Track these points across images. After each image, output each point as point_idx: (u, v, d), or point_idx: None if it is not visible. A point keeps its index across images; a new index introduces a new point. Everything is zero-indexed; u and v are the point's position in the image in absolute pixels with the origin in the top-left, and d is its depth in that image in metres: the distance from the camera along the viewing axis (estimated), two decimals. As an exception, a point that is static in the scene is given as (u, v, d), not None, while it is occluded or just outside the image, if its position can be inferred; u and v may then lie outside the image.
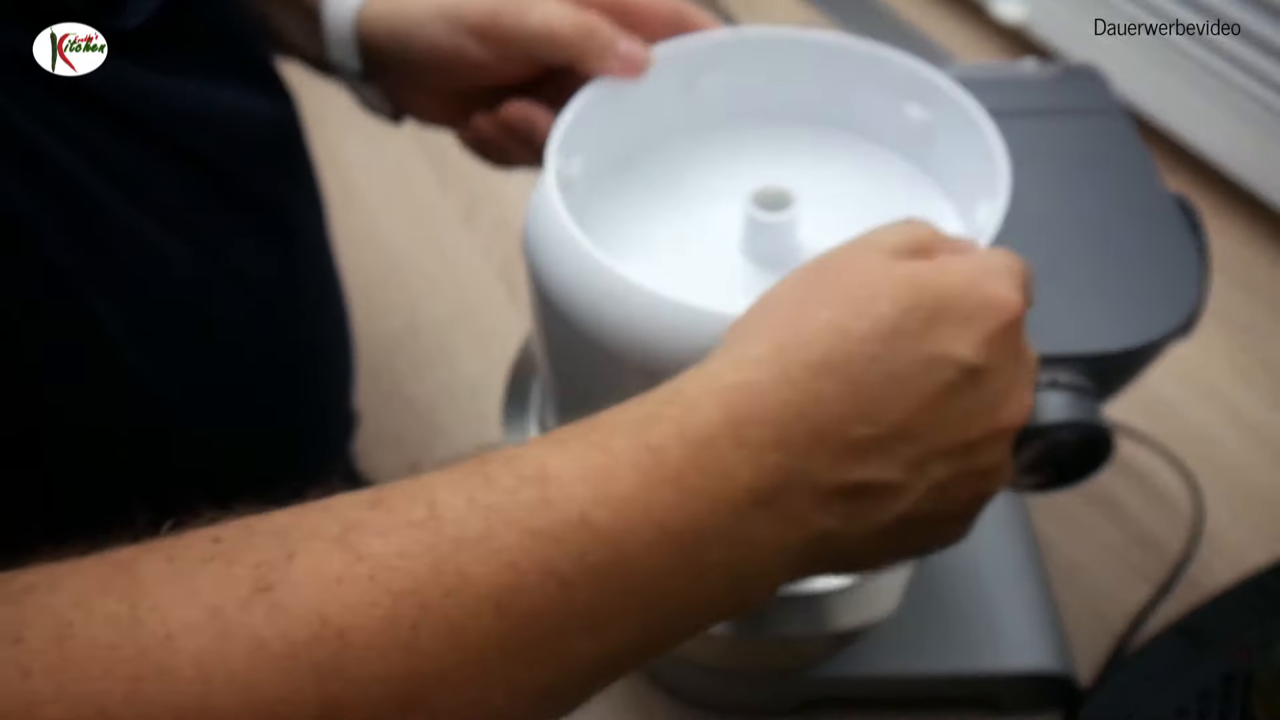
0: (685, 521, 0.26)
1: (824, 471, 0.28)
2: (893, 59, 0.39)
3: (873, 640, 0.54)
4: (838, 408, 0.27)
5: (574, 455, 0.26)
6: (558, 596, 0.24)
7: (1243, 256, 0.78)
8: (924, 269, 0.30)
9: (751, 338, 0.29)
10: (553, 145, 0.37)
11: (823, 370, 0.28)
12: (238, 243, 0.45)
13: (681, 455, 0.26)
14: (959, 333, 0.29)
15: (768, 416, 0.27)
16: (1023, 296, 0.30)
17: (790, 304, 0.30)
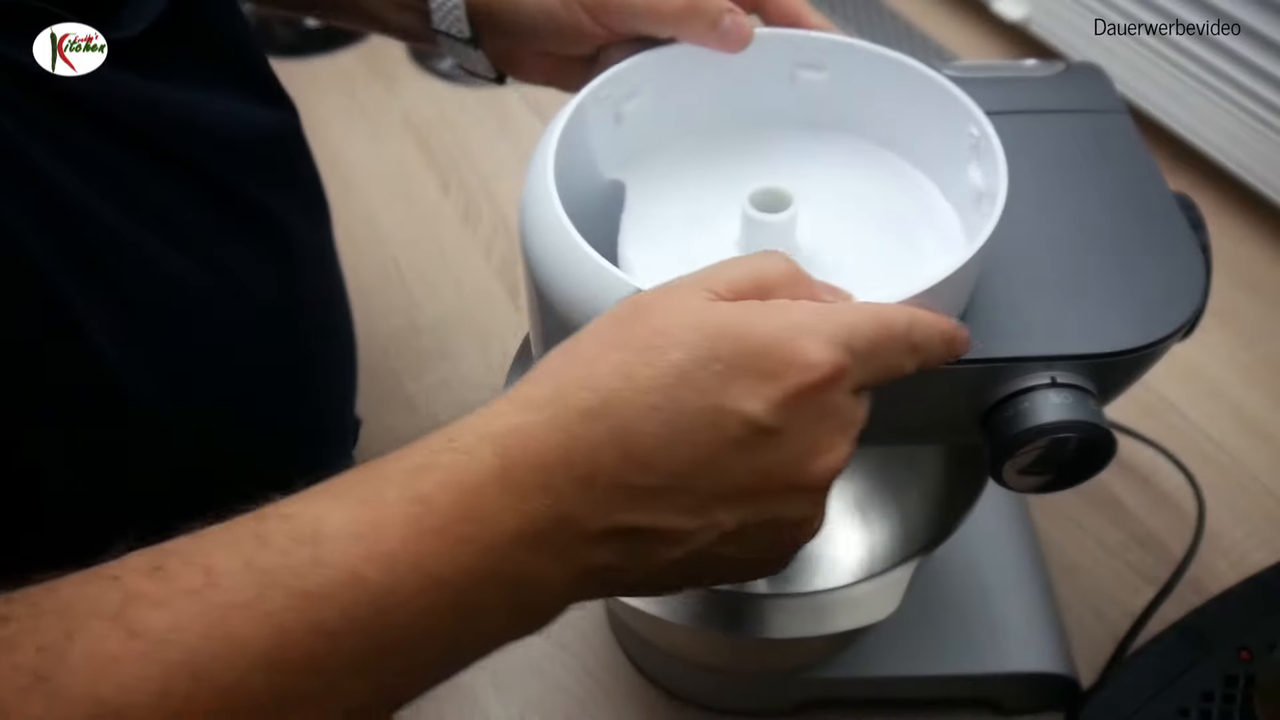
0: (454, 568, 0.27)
1: (593, 516, 0.28)
2: (892, 57, 0.39)
3: (873, 641, 0.54)
4: (609, 454, 0.28)
5: (348, 510, 0.27)
6: (326, 650, 0.26)
7: (1244, 255, 0.77)
8: (735, 317, 0.29)
9: (541, 377, 0.29)
10: (607, 76, 0.38)
11: (598, 416, 0.28)
12: (235, 253, 0.45)
13: (450, 504, 0.27)
14: (753, 389, 0.28)
15: (535, 461, 0.28)
16: (838, 357, 0.29)
17: (592, 343, 0.30)
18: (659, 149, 0.43)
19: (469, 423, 0.29)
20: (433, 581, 0.27)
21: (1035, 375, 0.36)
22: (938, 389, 0.37)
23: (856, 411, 0.31)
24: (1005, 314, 0.37)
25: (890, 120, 0.41)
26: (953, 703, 0.56)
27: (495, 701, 0.58)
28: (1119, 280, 0.38)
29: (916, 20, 0.99)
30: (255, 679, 0.25)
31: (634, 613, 0.47)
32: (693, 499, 0.29)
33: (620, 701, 0.58)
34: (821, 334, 0.29)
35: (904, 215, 0.40)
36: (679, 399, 0.28)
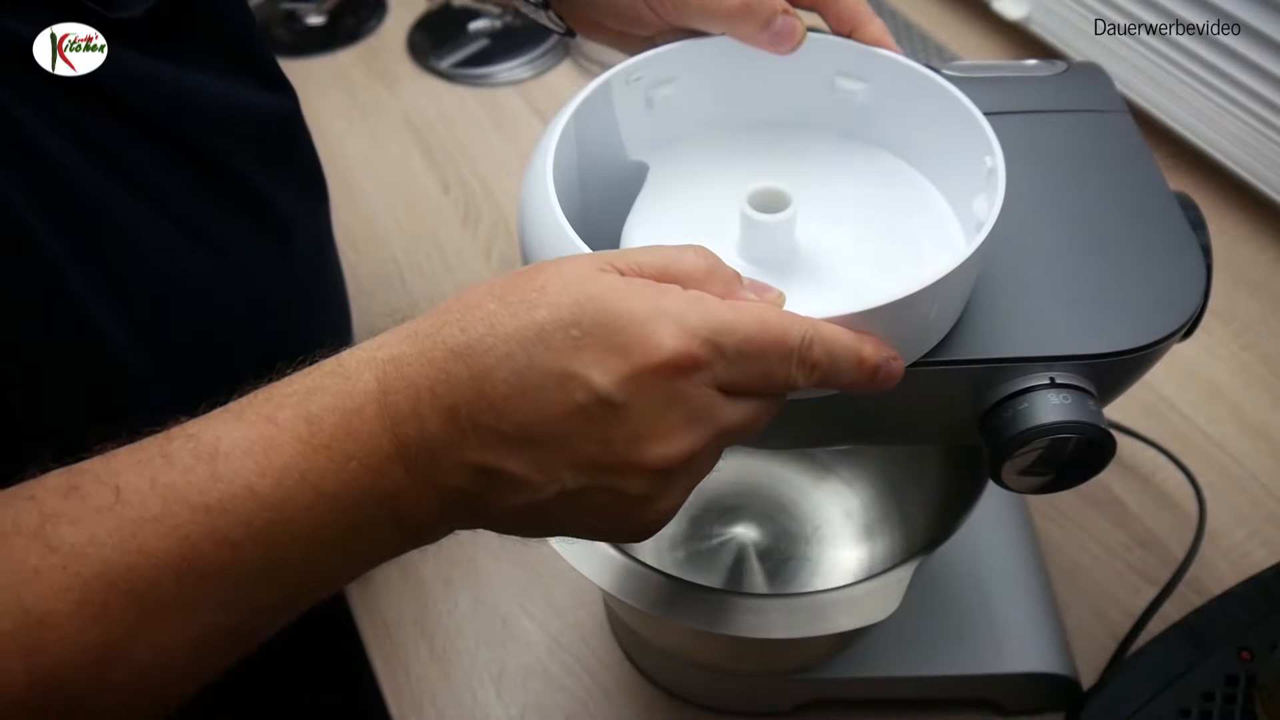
0: (339, 483, 0.29)
1: (451, 447, 0.30)
2: (931, 77, 0.39)
3: (873, 641, 0.54)
4: (465, 392, 0.30)
5: (245, 428, 0.29)
6: (230, 559, 0.29)
7: (1244, 254, 0.77)
8: (608, 291, 0.30)
9: (431, 313, 0.32)
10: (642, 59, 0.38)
11: (460, 355, 0.30)
12: (230, 232, 0.45)
13: (335, 424, 0.29)
14: (602, 360, 0.29)
15: (408, 389, 0.30)
16: (691, 347, 0.30)
17: (483, 289, 0.31)
18: (686, 138, 0.43)
19: (360, 348, 0.31)
20: (321, 495, 0.29)
21: (1035, 376, 0.35)
22: (937, 390, 0.37)
23: (715, 407, 0.31)
24: (1005, 314, 0.37)
25: (916, 136, 0.41)
26: (953, 703, 0.56)
27: (495, 701, 0.58)
28: (1119, 280, 0.38)
29: (916, 19, 0.99)
30: (166, 586, 0.28)
31: (634, 613, 0.47)
32: (537, 453, 0.30)
33: (620, 701, 0.58)
34: (681, 323, 0.30)
35: (912, 224, 0.40)
36: (532, 354, 0.29)
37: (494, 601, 0.62)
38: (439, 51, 1.00)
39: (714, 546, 0.60)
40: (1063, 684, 0.54)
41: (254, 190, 0.47)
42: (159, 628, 0.28)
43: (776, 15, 0.40)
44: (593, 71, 0.92)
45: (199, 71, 0.45)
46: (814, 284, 0.38)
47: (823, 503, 0.62)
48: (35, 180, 0.37)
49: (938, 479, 0.54)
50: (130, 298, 0.41)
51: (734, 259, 0.38)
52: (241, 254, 0.46)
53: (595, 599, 0.62)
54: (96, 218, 0.40)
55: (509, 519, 0.32)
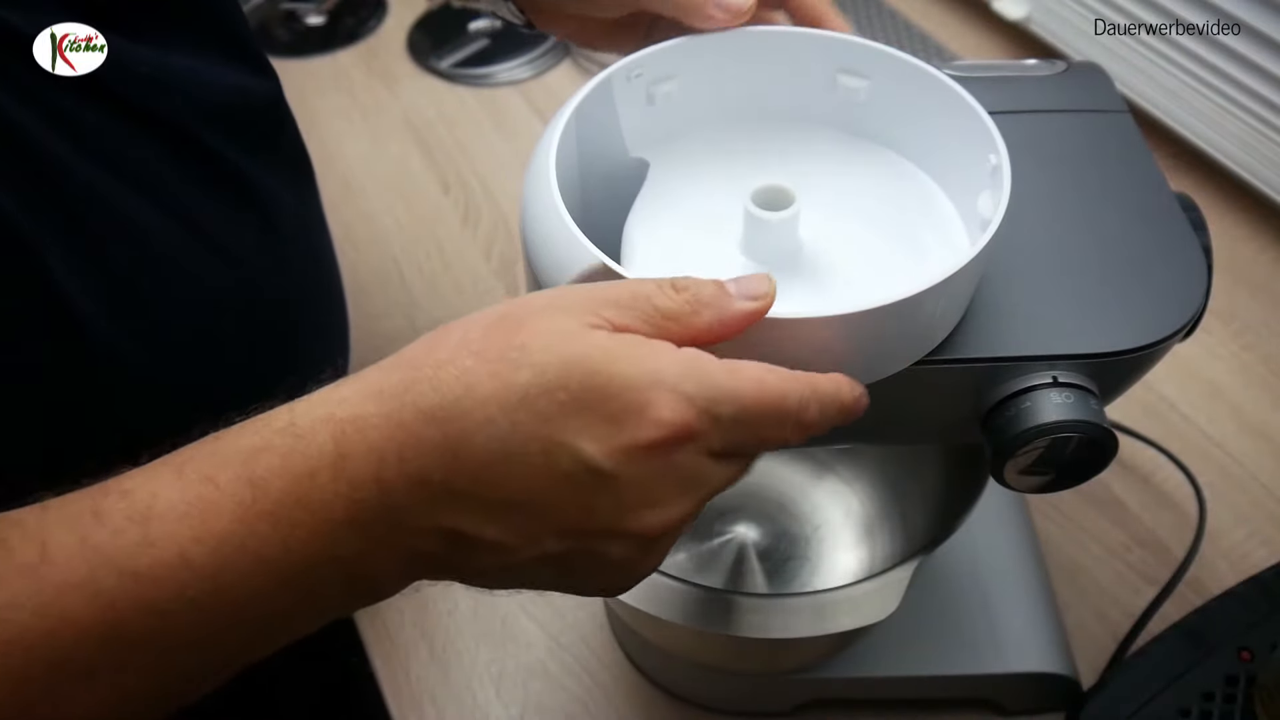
0: (284, 550, 0.27)
1: (420, 513, 0.28)
2: (934, 74, 0.39)
3: (873, 641, 0.54)
4: (439, 458, 0.28)
5: (183, 488, 0.28)
6: (159, 627, 0.27)
7: (1245, 255, 0.77)
8: (596, 350, 0.28)
9: (397, 365, 0.29)
10: (643, 55, 0.39)
11: (432, 419, 0.28)
12: (214, 215, 0.45)
13: (281, 489, 0.27)
14: (592, 429, 0.27)
15: (370, 453, 0.28)
16: (689, 419, 0.28)
17: (454, 341, 0.29)
18: (688, 134, 0.43)
19: (315, 401, 0.29)
20: (262, 563, 0.27)
21: (1037, 375, 0.35)
22: (939, 389, 0.37)
23: (710, 473, 0.30)
24: (1007, 314, 0.37)
25: (918, 133, 0.41)
26: (953, 703, 0.56)
27: (495, 701, 0.58)
28: (1120, 280, 0.38)
29: (916, 19, 0.99)
30: (88, 652, 0.27)
31: (634, 613, 0.47)
32: (517, 519, 0.28)
33: (620, 701, 0.58)
34: (679, 391, 0.28)
35: (915, 222, 0.40)
36: (516, 420, 0.27)
37: (494, 602, 0.62)
38: (439, 51, 1.00)
39: (714, 546, 0.60)
40: (1063, 684, 0.54)
41: (239, 174, 0.47)
42: (80, 691, 0.27)
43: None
44: (593, 71, 0.93)
45: (180, 54, 0.45)
46: (817, 282, 0.38)
47: (823, 503, 0.62)
48: (13, 162, 0.37)
49: (938, 479, 0.54)
50: (112, 281, 0.41)
51: (737, 256, 0.38)
52: (227, 238, 0.45)
53: (595, 599, 0.62)
54: (77, 199, 0.39)
55: (479, 577, 0.31)
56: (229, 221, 0.46)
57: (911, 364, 0.35)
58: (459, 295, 0.79)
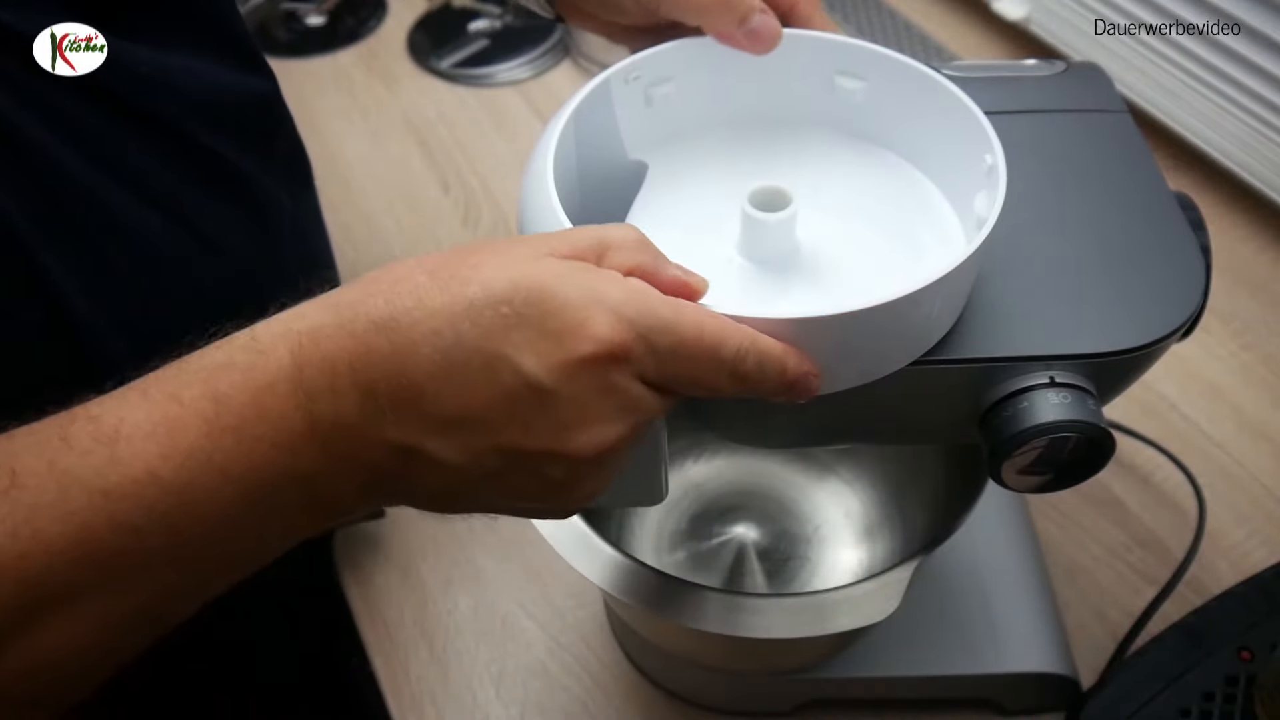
0: (247, 465, 0.28)
1: (370, 425, 0.29)
2: (930, 75, 0.39)
3: (873, 641, 0.54)
4: (389, 367, 0.28)
5: (149, 408, 0.28)
6: (131, 544, 0.28)
7: (1244, 254, 0.77)
8: (545, 271, 0.29)
9: (357, 282, 0.30)
10: (640, 58, 0.39)
11: (383, 328, 0.28)
12: (210, 214, 0.45)
13: (244, 403, 0.28)
14: (533, 344, 0.28)
15: (325, 364, 0.29)
16: (625, 339, 0.29)
17: (414, 262, 0.30)
18: (686, 136, 0.43)
19: (277, 319, 0.30)
20: (228, 478, 0.28)
21: (1034, 375, 0.35)
22: (937, 389, 0.37)
23: (643, 399, 0.30)
24: (1005, 313, 0.37)
25: (915, 134, 0.41)
26: (953, 703, 0.56)
27: (495, 701, 0.58)
28: (1119, 280, 0.38)
29: (916, 19, 0.99)
30: (61, 571, 0.27)
31: (634, 613, 0.47)
32: (458, 435, 0.29)
33: (620, 701, 0.58)
34: (619, 312, 0.29)
35: (912, 222, 0.40)
36: (460, 331, 0.28)
37: (494, 602, 0.62)
38: (439, 51, 1.00)
39: (714, 546, 0.60)
40: (1063, 684, 0.54)
41: (236, 173, 0.47)
42: (55, 613, 0.28)
43: (754, 13, 0.40)
44: (592, 71, 0.93)
45: (176, 53, 0.45)
46: (814, 282, 0.38)
47: (823, 503, 0.62)
48: (10, 163, 0.37)
49: (938, 479, 0.54)
50: (109, 281, 0.41)
51: (734, 257, 0.38)
52: (224, 237, 0.46)
53: (595, 599, 0.62)
54: (74, 200, 0.39)
55: (428, 497, 0.31)
56: (225, 220, 0.46)
57: (909, 364, 0.35)
58: (459, 295, 0.79)
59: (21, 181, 0.37)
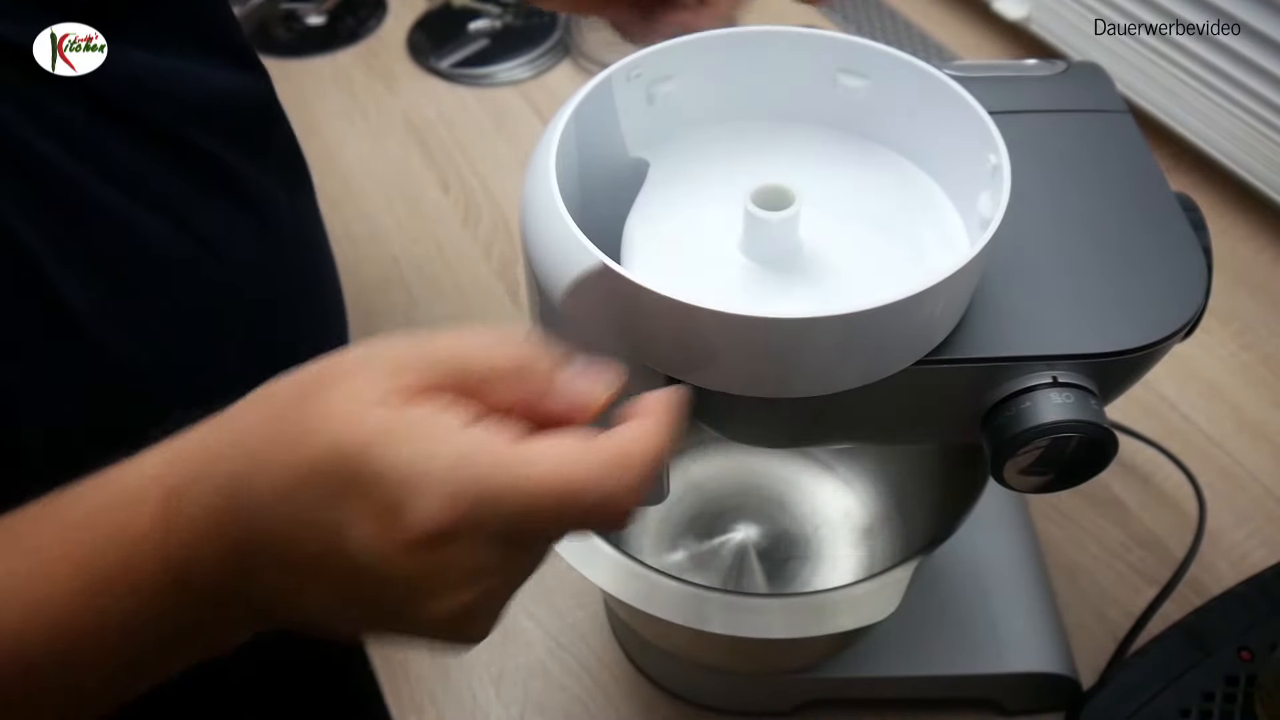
0: (119, 617, 0.29)
1: (239, 578, 0.29)
2: (934, 74, 0.39)
3: (873, 641, 0.54)
4: (250, 525, 0.28)
5: (13, 561, 0.29)
6: (16, 684, 0.29)
7: (1244, 254, 0.77)
8: (377, 435, 0.26)
9: (224, 422, 0.30)
10: (642, 55, 0.39)
11: (240, 487, 0.28)
12: (207, 216, 0.45)
13: (112, 561, 0.29)
14: (365, 522, 0.26)
15: (190, 523, 0.29)
16: (449, 522, 0.26)
17: (263, 408, 0.29)
18: (688, 134, 0.43)
19: (150, 462, 0.30)
20: (99, 631, 0.29)
21: (1037, 375, 0.35)
22: (939, 389, 0.37)
23: (496, 562, 0.28)
24: (1007, 313, 0.37)
25: (918, 133, 0.41)
26: (953, 703, 0.56)
27: (495, 701, 0.58)
28: (1120, 280, 0.38)
29: (916, 19, 0.99)
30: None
31: (634, 613, 0.47)
32: (323, 590, 0.28)
33: (620, 701, 0.58)
34: (445, 487, 0.26)
35: (915, 222, 0.40)
36: (299, 499, 0.27)
37: (494, 601, 0.62)
38: (439, 51, 1.00)
39: (714, 546, 0.60)
40: (1063, 684, 0.54)
41: (232, 174, 0.47)
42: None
43: None
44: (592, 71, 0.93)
45: (169, 56, 0.45)
46: (816, 282, 0.38)
47: (823, 502, 0.62)
48: (6, 166, 0.37)
49: (938, 479, 0.54)
50: (107, 281, 0.41)
51: (737, 257, 0.38)
52: (221, 238, 0.46)
53: (595, 599, 0.62)
54: (73, 204, 0.40)
55: (328, 628, 0.30)
56: (225, 222, 0.46)
57: (911, 364, 0.35)
58: (459, 295, 0.79)
59: (20, 187, 0.37)
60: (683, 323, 0.32)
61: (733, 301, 0.31)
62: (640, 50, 0.41)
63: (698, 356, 0.34)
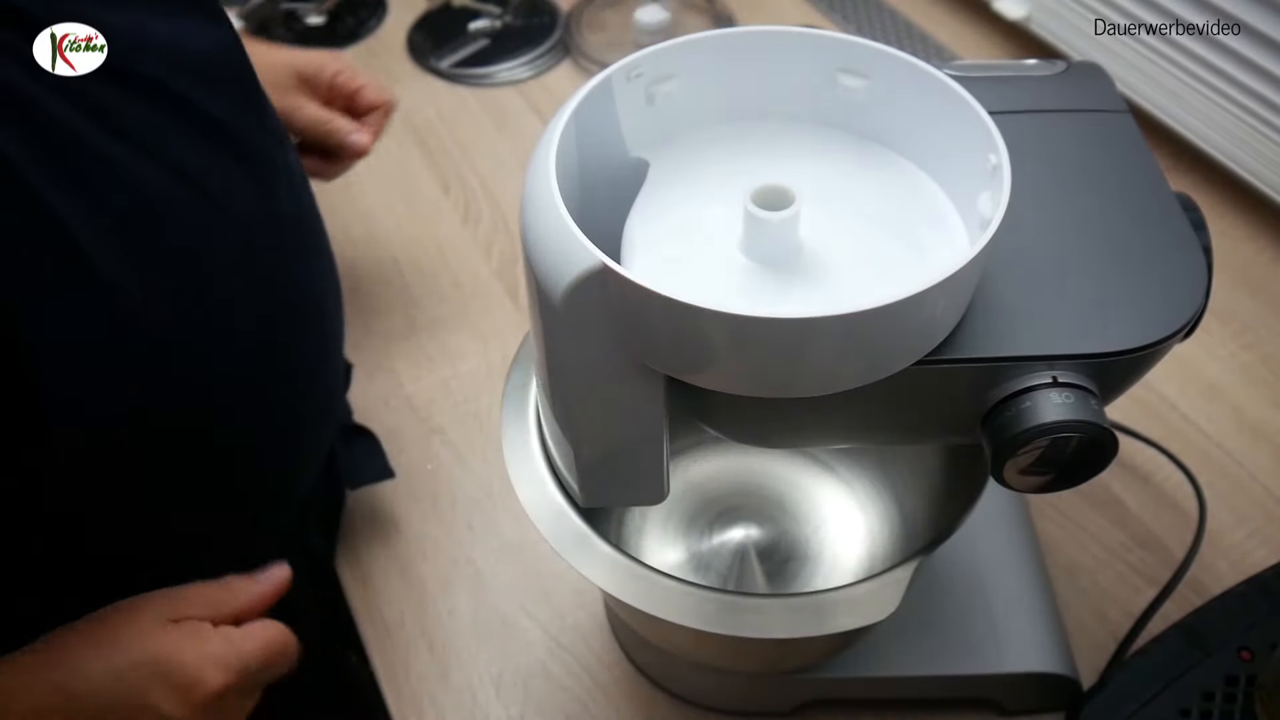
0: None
1: None
2: (934, 74, 0.39)
3: (873, 641, 0.54)
4: (69, 708, 0.44)
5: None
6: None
7: (1244, 254, 0.77)
8: (166, 643, 0.46)
9: (46, 646, 0.45)
10: (642, 55, 0.39)
11: (59, 688, 0.44)
12: (201, 164, 0.47)
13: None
14: (170, 697, 0.44)
15: (23, 711, 0.43)
16: (229, 679, 0.46)
17: (76, 635, 0.46)
18: (688, 134, 0.43)
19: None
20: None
21: (1037, 375, 0.35)
22: (939, 389, 0.37)
23: (245, 704, 0.49)
24: (1007, 313, 0.37)
25: (918, 133, 0.41)
26: (953, 703, 0.56)
27: (495, 701, 0.58)
28: (1120, 280, 0.38)
29: (917, 19, 0.99)
30: None
31: (634, 613, 0.47)
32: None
33: (620, 701, 0.58)
34: (221, 664, 0.46)
35: (915, 222, 0.40)
36: (116, 689, 0.44)
37: (494, 602, 0.62)
38: (439, 51, 1.00)
39: (714, 546, 0.60)
40: (1063, 684, 0.54)
41: (210, 120, 0.49)
42: None
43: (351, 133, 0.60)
44: (592, 71, 0.93)
45: (141, 11, 0.46)
46: (817, 282, 0.38)
47: (823, 502, 0.62)
48: (17, 123, 0.39)
49: (938, 479, 0.54)
50: (121, 235, 0.43)
51: (737, 256, 0.38)
52: (213, 182, 0.48)
53: (595, 599, 0.62)
54: (79, 157, 0.41)
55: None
56: (224, 176, 0.48)
57: (911, 364, 0.35)
58: (459, 295, 0.79)
59: (32, 142, 0.39)
60: (683, 323, 0.32)
61: (733, 301, 0.31)
62: (641, 50, 0.41)
63: (698, 356, 0.34)
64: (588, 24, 1.02)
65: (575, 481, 0.43)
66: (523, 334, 0.54)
